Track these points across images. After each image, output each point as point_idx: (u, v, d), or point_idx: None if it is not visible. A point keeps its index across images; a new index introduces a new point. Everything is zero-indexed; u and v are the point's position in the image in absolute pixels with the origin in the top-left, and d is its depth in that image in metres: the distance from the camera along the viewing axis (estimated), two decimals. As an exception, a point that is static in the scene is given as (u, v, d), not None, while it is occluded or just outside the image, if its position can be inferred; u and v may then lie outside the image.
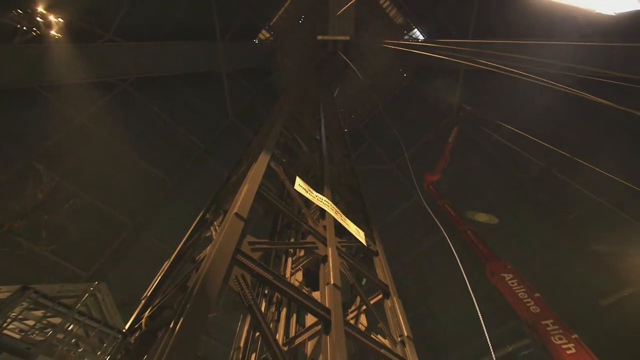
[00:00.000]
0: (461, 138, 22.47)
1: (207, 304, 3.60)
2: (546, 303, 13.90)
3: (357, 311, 6.85)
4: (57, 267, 17.00)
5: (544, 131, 18.08)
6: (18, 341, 5.23)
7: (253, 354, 6.90)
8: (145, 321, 5.55)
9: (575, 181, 18.38)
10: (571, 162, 16.55)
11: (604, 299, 23.04)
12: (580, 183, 18.35)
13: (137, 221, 19.06)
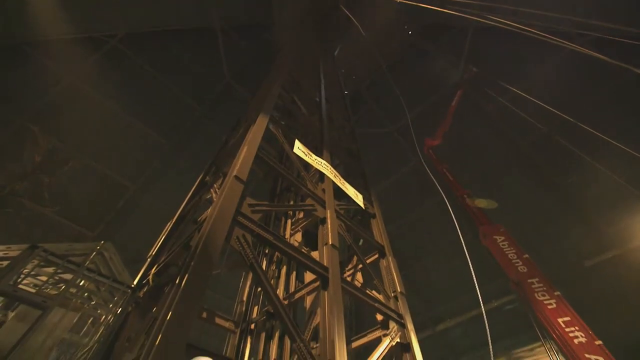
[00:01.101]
0: (464, 102, 21.93)
1: (210, 262, 3.77)
2: (534, 263, 14.60)
3: (353, 269, 7.19)
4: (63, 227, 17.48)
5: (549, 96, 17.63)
6: (34, 295, 5.57)
7: (255, 307, 7.38)
8: (152, 277, 5.84)
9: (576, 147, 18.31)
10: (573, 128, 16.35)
11: (588, 260, 24.20)
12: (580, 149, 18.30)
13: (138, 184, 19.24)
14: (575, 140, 17.88)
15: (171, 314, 3.11)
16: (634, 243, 20.50)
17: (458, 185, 19.12)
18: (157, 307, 4.47)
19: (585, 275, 22.89)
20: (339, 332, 4.17)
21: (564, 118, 16.10)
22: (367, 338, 6.21)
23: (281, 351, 6.03)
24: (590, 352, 11.26)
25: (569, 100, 18.38)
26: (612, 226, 21.71)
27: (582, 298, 20.43)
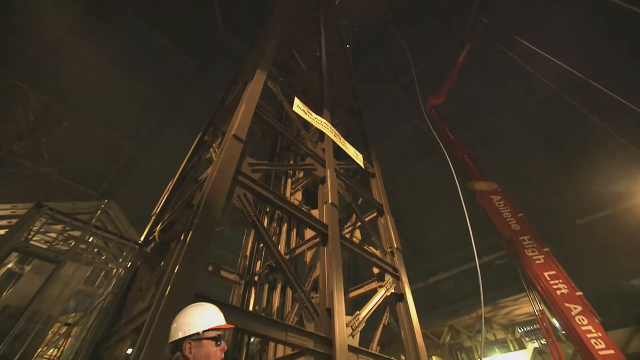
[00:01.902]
0: (471, 58, 20.85)
1: (212, 219, 3.87)
2: (527, 221, 15.08)
3: (352, 227, 7.42)
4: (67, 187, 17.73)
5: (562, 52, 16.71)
6: (46, 250, 5.83)
7: (258, 261, 7.77)
8: (158, 234, 6.06)
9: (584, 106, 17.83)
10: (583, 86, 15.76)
11: (580, 219, 24.95)
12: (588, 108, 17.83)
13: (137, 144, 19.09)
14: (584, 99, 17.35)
15: (178, 267, 3.28)
16: (626, 203, 20.97)
17: (459, 145, 18.98)
18: (164, 262, 4.69)
19: (575, 233, 23.77)
20: (337, 284, 4.43)
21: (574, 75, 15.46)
22: (363, 289, 6.62)
23: (283, 300, 6.47)
24: (569, 302, 12.16)
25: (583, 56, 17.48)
26: (607, 187, 22.03)
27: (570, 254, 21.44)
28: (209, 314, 1.07)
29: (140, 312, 4.02)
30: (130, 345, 4.19)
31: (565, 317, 11.81)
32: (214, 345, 1.01)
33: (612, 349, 10.67)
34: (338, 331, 3.95)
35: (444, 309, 28.47)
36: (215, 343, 1.01)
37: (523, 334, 26.26)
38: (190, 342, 1.05)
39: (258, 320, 3.53)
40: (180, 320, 1.09)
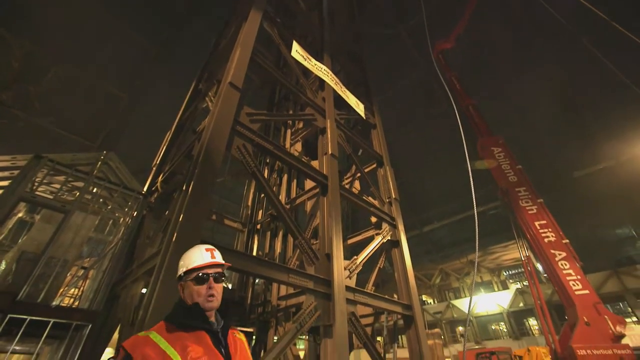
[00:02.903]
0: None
1: (213, 170, 3.89)
2: (525, 173, 15.23)
3: (351, 178, 7.51)
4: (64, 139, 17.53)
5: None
6: (52, 200, 5.98)
7: (260, 210, 8.02)
8: (160, 185, 6.16)
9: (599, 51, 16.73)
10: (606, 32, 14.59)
11: (578, 171, 25.21)
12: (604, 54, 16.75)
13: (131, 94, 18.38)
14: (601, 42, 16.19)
15: (183, 216, 3.39)
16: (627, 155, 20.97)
17: (464, 95, 18.28)
18: (169, 211, 4.84)
19: (571, 185, 24.21)
20: (336, 232, 4.63)
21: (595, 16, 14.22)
22: (361, 236, 6.95)
23: (285, 246, 6.83)
24: (555, 249, 12.87)
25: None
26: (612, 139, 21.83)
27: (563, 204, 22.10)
28: (193, 256, 1.15)
29: (150, 257, 4.26)
30: (144, 286, 4.52)
31: (549, 262, 12.61)
32: (195, 284, 1.08)
33: (587, 289, 11.59)
34: (336, 273, 4.23)
35: (436, 254, 30.33)
36: (195, 283, 1.08)
37: (508, 276, 28.40)
38: (181, 283, 1.14)
39: (262, 264, 3.76)
40: (179, 263, 1.20)
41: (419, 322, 5.44)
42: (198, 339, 0.99)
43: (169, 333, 0.97)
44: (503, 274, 27.88)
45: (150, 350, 0.91)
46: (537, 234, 13.27)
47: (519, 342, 20.54)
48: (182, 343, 0.95)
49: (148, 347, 0.91)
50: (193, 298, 1.07)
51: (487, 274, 27.57)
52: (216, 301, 1.09)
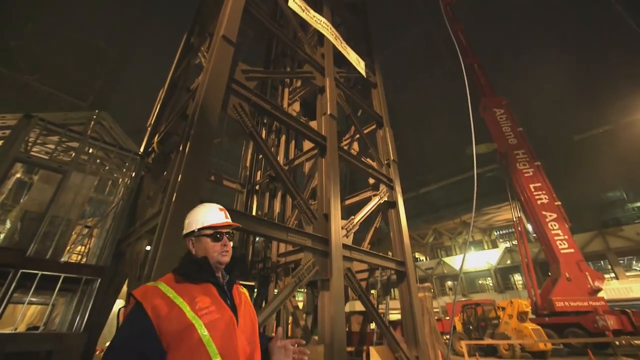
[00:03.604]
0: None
1: (209, 131, 3.81)
2: (525, 136, 15.11)
3: (350, 139, 7.43)
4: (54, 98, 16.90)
5: None
6: (48, 161, 5.93)
7: (258, 171, 8.04)
8: (157, 145, 6.08)
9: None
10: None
11: (578, 134, 25.03)
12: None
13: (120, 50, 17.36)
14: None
15: (181, 177, 3.39)
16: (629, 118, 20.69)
17: (470, 52, 17.41)
18: (167, 172, 4.83)
19: (570, 148, 24.20)
20: (334, 192, 4.69)
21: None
22: (359, 197, 7.07)
23: (284, 207, 6.97)
24: (547, 210, 13.26)
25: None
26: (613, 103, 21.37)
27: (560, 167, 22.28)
28: (208, 214, 1.19)
29: (152, 217, 4.35)
30: (147, 244, 4.68)
31: (539, 223, 13.06)
32: (211, 241, 1.13)
33: (572, 249, 12.18)
34: (334, 232, 4.37)
35: (431, 215, 31.20)
36: (211, 239, 1.13)
37: (498, 236, 29.57)
38: (192, 238, 1.17)
39: (261, 223, 3.86)
40: (187, 219, 1.22)
41: (411, 277, 5.76)
42: (205, 290, 1.03)
43: (177, 284, 1.01)
44: (494, 233, 28.99)
45: (159, 300, 0.94)
46: (531, 196, 13.57)
47: (503, 295, 22.01)
48: (190, 294, 0.98)
49: (158, 297, 0.95)
50: (208, 253, 1.12)
51: (479, 233, 28.66)
52: (228, 256, 1.16)
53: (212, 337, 0.92)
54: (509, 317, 10.24)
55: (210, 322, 0.94)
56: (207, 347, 0.90)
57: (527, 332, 9.40)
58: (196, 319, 0.92)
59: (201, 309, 0.95)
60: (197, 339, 0.90)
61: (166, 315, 0.91)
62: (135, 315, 0.93)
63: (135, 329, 0.90)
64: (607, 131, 22.92)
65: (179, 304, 0.94)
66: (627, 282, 18.88)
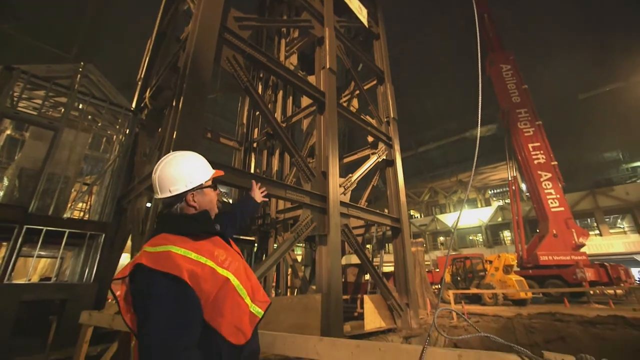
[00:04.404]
0: None
1: (202, 85, 3.64)
2: (530, 94, 14.69)
3: (350, 95, 7.18)
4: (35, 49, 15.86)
5: None
6: (37, 117, 5.74)
7: (256, 128, 7.89)
8: (149, 101, 5.86)
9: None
10: None
11: (583, 93, 24.31)
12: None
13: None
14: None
15: (176, 133, 3.32)
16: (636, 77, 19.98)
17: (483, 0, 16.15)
18: (161, 128, 4.72)
19: (573, 107, 23.69)
20: (332, 150, 4.65)
21: None
22: (357, 155, 7.04)
23: (282, 165, 6.97)
24: (543, 170, 13.40)
25: None
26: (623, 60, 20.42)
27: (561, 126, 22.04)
28: (205, 165, 1.14)
29: (149, 174, 4.35)
30: (147, 200, 4.74)
31: (534, 182, 13.30)
32: (213, 191, 1.11)
33: (563, 207, 12.57)
34: (332, 190, 4.43)
35: (428, 174, 31.53)
36: (213, 189, 1.11)
37: (492, 195, 30.28)
38: (193, 192, 1.07)
39: (259, 180, 3.87)
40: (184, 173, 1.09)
41: (405, 233, 5.98)
42: (216, 243, 1.01)
43: (191, 244, 0.94)
44: (488, 192, 29.62)
45: (187, 263, 0.86)
46: (529, 155, 13.62)
47: (492, 250, 23.19)
48: (208, 250, 0.94)
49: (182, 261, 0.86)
50: (213, 203, 1.11)
51: (474, 192, 29.28)
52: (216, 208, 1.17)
53: (240, 282, 0.96)
54: (495, 270, 10.90)
55: (235, 271, 0.96)
56: (240, 292, 0.94)
57: (510, 283, 10.08)
58: (227, 273, 0.93)
59: (223, 261, 0.95)
60: (232, 288, 0.92)
61: (201, 277, 0.86)
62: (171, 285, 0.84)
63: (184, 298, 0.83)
64: (613, 90, 22.29)
65: (206, 262, 0.90)
66: (609, 238, 19.84)
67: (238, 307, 0.91)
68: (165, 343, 0.77)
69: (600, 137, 23.68)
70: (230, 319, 0.88)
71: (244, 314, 0.92)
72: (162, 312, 0.81)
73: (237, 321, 0.90)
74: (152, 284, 0.83)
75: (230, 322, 0.88)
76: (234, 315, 0.89)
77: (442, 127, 28.07)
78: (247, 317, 0.93)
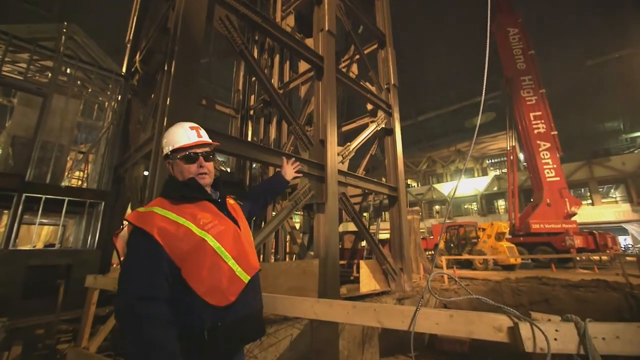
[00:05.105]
0: None
1: (195, 48, 3.47)
2: (536, 60, 14.19)
3: (349, 60, 6.90)
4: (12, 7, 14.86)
5: None
6: (24, 82, 5.51)
7: (252, 95, 7.66)
8: (140, 65, 5.61)
9: None
10: None
11: (593, 59, 23.48)
12: None
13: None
14: None
15: (170, 100, 3.21)
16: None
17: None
18: (154, 94, 4.57)
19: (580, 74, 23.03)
20: (331, 118, 4.56)
21: None
22: (356, 123, 6.93)
23: (279, 133, 6.86)
24: (542, 140, 13.34)
25: None
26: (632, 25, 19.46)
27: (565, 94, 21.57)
28: (179, 135, 1.11)
29: (145, 142, 4.27)
30: (145, 169, 4.72)
31: (532, 152, 13.30)
32: (184, 163, 1.08)
33: (559, 177, 12.70)
34: (330, 158, 4.41)
35: (426, 143, 31.36)
36: (184, 161, 1.07)
37: (489, 164, 30.38)
38: (169, 161, 1.12)
39: (257, 149, 3.84)
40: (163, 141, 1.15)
41: (402, 201, 6.07)
42: (202, 207, 1.03)
43: (174, 206, 0.98)
44: (486, 162, 29.69)
45: (161, 222, 0.91)
46: (529, 124, 13.48)
47: (485, 218, 23.75)
48: (190, 213, 0.97)
49: (158, 220, 0.91)
50: (184, 175, 1.08)
51: (471, 161, 29.33)
52: (208, 178, 1.11)
53: (222, 245, 0.96)
54: (487, 237, 11.25)
55: (218, 234, 0.97)
56: (221, 254, 0.94)
57: (501, 249, 10.46)
58: (204, 234, 0.94)
59: (205, 224, 0.96)
60: (211, 250, 0.93)
61: (174, 236, 0.90)
62: (141, 240, 0.90)
63: (147, 251, 0.88)
64: (623, 56, 21.53)
65: (184, 223, 0.93)
66: (601, 207, 20.32)
67: (218, 268, 0.93)
68: (126, 291, 0.84)
69: (603, 105, 23.29)
70: (208, 279, 0.90)
71: (224, 275, 0.93)
72: (128, 262, 0.90)
73: (216, 282, 0.91)
74: (130, 238, 0.93)
75: (207, 282, 0.90)
76: (213, 275, 0.91)
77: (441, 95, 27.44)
78: (226, 279, 0.93)
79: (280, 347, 3.03)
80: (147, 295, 0.83)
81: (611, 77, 22.08)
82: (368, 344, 4.14)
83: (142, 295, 0.83)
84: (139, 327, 0.79)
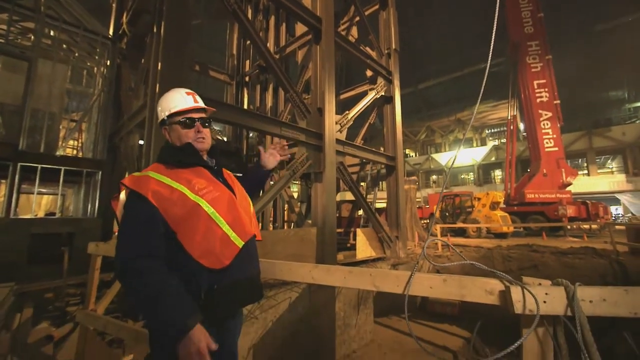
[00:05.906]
0: None
1: (185, 8, 3.25)
2: (544, 24, 13.52)
3: (349, 23, 6.54)
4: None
5: None
6: (5, 45, 5.22)
7: (247, 60, 7.35)
8: (127, 27, 5.30)
9: None
10: None
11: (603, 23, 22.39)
12: None
13: None
14: None
15: (161, 64, 3.07)
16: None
17: None
18: (144, 59, 4.36)
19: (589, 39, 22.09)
20: (329, 85, 4.41)
21: None
22: (354, 91, 6.73)
23: (276, 100, 6.68)
24: (544, 109, 13.09)
25: None
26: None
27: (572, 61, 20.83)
28: (175, 100, 1.09)
29: (138, 110, 4.16)
30: (139, 138, 4.63)
31: (533, 121, 13.12)
32: (182, 128, 1.07)
33: (557, 147, 12.65)
34: (328, 127, 4.33)
35: (426, 112, 30.79)
36: (181, 126, 1.07)
37: (489, 134, 30.12)
38: (165, 127, 1.11)
39: (254, 117, 3.75)
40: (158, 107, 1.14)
41: (399, 171, 6.08)
42: (198, 173, 1.03)
43: (169, 171, 0.99)
44: (485, 131, 29.42)
45: (156, 186, 0.93)
46: (532, 93, 13.17)
47: (481, 188, 24.01)
48: (185, 178, 0.98)
49: (153, 184, 0.93)
50: (181, 140, 1.07)
51: (471, 131, 29.05)
52: (206, 143, 1.11)
53: (217, 211, 0.97)
54: (482, 206, 11.45)
55: (212, 199, 0.98)
56: (215, 220, 0.96)
57: (495, 218, 10.70)
58: (198, 199, 0.95)
59: (200, 189, 0.97)
60: (205, 215, 0.95)
61: (169, 199, 0.92)
62: (137, 202, 0.92)
63: (143, 213, 0.91)
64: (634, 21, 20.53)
65: (178, 187, 0.95)
66: (596, 177, 20.52)
67: (212, 233, 0.95)
68: (124, 248, 0.88)
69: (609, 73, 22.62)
70: (202, 242, 0.93)
71: (218, 240, 0.95)
72: (125, 223, 0.94)
73: (210, 245, 0.94)
74: (126, 201, 0.97)
75: (201, 245, 0.92)
76: (207, 240, 0.93)
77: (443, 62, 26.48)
78: (220, 243, 0.95)
79: (280, 308, 3.18)
80: (145, 253, 0.87)
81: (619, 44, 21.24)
82: (363, 305, 4.36)
83: (140, 253, 0.86)
84: (140, 278, 0.84)
